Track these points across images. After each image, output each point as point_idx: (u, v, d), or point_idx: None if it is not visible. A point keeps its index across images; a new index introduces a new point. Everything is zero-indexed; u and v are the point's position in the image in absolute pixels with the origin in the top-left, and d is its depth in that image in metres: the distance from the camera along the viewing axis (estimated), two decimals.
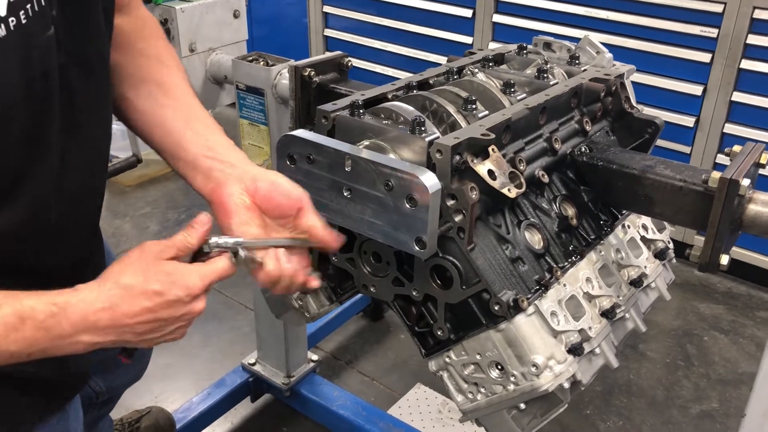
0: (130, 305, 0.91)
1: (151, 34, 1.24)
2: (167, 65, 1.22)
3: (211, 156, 1.12)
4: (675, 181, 1.26)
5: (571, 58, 1.57)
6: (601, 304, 1.29)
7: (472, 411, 1.26)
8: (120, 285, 0.92)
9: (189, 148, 1.14)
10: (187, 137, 1.15)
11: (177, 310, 0.94)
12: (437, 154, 1.12)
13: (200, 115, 1.19)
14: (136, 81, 1.18)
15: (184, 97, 1.20)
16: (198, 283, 0.95)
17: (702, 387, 2.63)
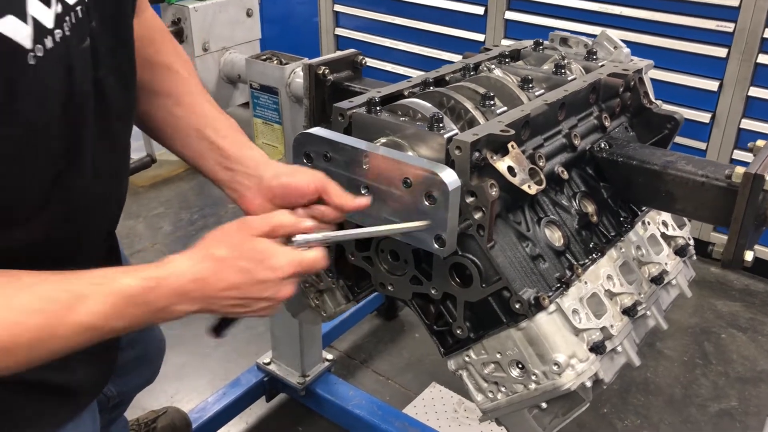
0: (218, 279, 0.94)
1: (159, 39, 1.24)
2: (176, 71, 1.23)
3: (228, 166, 1.18)
4: (697, 177, 1.24)
5: (588, 54, 1.55)
6: (622, 302, 1.28)
7: (493, 410, 1.25)
8: (211, 257, 0.95)
9: (207, 160, 1.19)
10: (202, 150, 1.19)
11: (264, 289, 0.96)
12: (456, 151, 1.11)
13: (212, 118, 1.21)
14: (148, 93, 1.20)
15: (195, 102, 1.22)
16: (286, 267, 0.97)
17: (720, 385, 2.60)
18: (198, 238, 1.00)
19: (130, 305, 0.89)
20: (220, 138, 1.19)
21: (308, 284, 1.44)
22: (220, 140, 1.19)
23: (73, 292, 0.87)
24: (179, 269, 0.93)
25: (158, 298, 0.91)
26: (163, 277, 0.91)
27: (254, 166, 1.17)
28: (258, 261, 0.95)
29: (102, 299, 0.88)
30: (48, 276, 0.88)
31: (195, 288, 0.93)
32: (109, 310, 0.88)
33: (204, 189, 3.99)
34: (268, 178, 1.14)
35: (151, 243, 3.49)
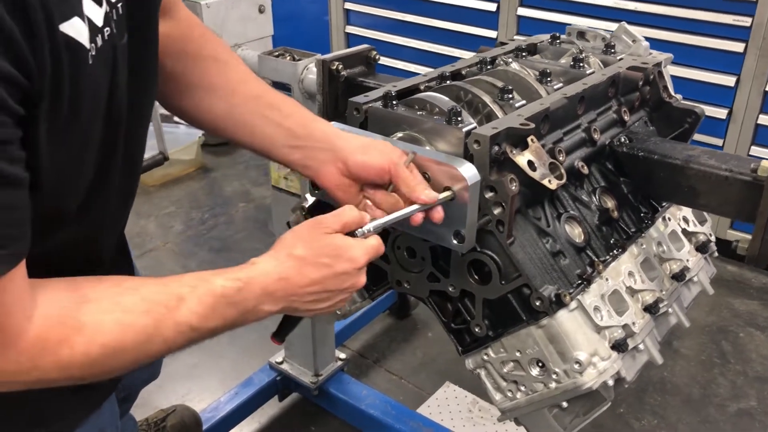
0: (301, 276, 0.98)
1: (199, 34, 1.23)
2: (224, 61, 1.22)
3: (298, 144, 1.16)
4: (720, 171, 1.22)
5: (607, 47, 1.53)
6: (644, 299, 1.25)
7: (512, 410, 1.22)
8: (293, 256, 0.99)
9: (276, 143, 1.17)
10: (268, 134, 1.17)
11: (343, 281, 1.01)
12: (475, 145, 1.08)
13: (271, 100, 1.20)
14: (205, 89, 1.19)
15: (250, 89, 1.20)
16: (362, 257, 1.01)
17: (739, 385, 2.57)
18: (209, 237, 1.02)
19: (224, 305, 0.93)
20: (285, 117, 1.17)
21: None
22: (285, 120, 1.17)
23: (173, 294, 0.90)
24: (265, 269, 0.97)
25: (247, 297, 0.95)
26: (252, 277, 0.96)
27: (325, 139, 1.15)
28: (336, 255, 0.99)
29: (199, 300, 0.91)
30: (146, 280, 0.93)
31: (279, 287, 0.97)
32: (207, 310, 0.91)
33: (214, 188, 3.98)
34: (343, 153, 1.12)
35: (163, 242, 3.48)
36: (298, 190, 1.98)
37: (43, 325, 0.81)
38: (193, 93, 1.19)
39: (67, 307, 0.84)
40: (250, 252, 3.38)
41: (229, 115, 1.19)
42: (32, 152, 0.76)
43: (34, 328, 0.80)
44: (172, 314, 0.89)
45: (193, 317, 0.91)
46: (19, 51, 0.70)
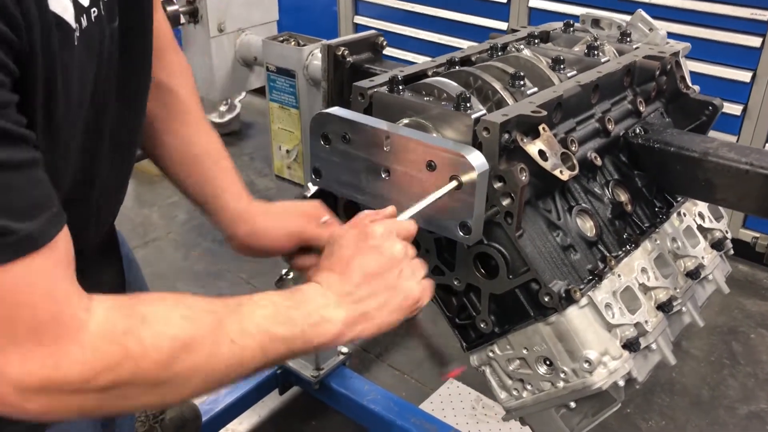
0: (349, 268, 0.94)
1: (164, 47, 1.19)
2: (193, 123, 1.24)
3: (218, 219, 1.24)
4: (740, 165, 1.16)
5: (622, 36, 1.47)
6: (657, 297, 1.20)
7: (517, 409, 1.18)
8: (335, 255, 0.97)
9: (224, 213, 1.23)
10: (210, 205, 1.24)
11: (397, 263, 0.96)
12: (484, 133, 1.04)
13: (211, 175, 1.23)
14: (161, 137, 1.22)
15: (203, 160, 1.23)
16: (401, 229, 0.99)
17: (750, 387, 2.52)
18: (212, 228, 1.00)
19: (285, 307, 0.88)
20: (222, 190, 1.22)
21: None
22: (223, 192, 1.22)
23: (229, 300, 0.86)
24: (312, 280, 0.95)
25: (307, 298, 0.91)
26: (302, 287, 0.93)
27: (232, 222, 1.22)
28: (378, 236, 0.95)
29: (257, 303, 0.87)
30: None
31: (332, 283, 0.93)
32: (270, 310, 0.87)
33: None
34: (241, 238, 1.22)
35: (166, 232, 3.45)
36: (301, 179, 1.94)
37: (104, 315, 0.72)
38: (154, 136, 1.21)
39: (123, 301, 0.77)
40: None
41: (180, 171, 1.23)
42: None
43: (96, 318, 0.72)
44: (234, 313, 0.83)
45: (256, 317, 0.85)
46: (13, 20, 0.66)
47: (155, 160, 1.24)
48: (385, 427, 2.18)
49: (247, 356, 0.83)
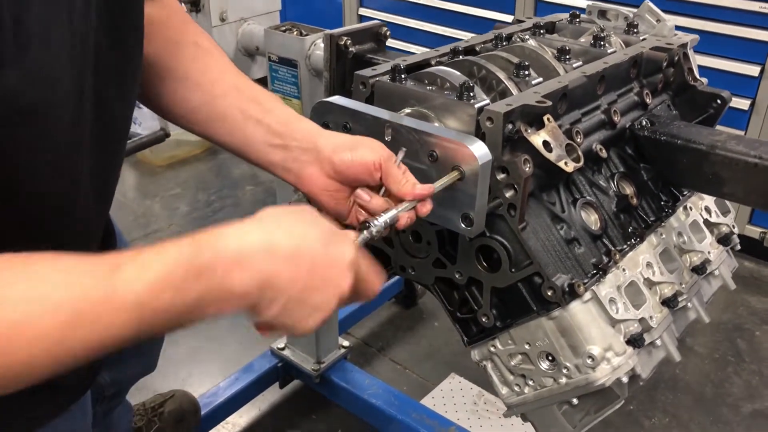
0: (289, 250, 0.77)
1: (182, 20, 1.14)
2: (206, 49, 1.12)
3: (279, 143, 1.03)
4: (749, 158, 1.14)
5: (629, 27, 1.45)
6: (662, 292, 1.18)
7: (519, 405, 1.16)
8: (282, 227, 0.79)
9: (254, 141, 1.04)
10: (248, 132, 1.04)
11: (331, 270, 0.80)
12: (487, 123, 1.02)
13: (252, 94, 1.08)
14: (182, 77, 1.08)
15: (231, 80, 1.09)
16: (353, 252, 0.83)
17: (754, 384, 2.49)
18: (215, 220, 0.91)
19: (181, 274, 0.70)
20: (266, 112, 1.05)
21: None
22: (266, 115, 1.04)
23: (106, 262, 0.70)
24: (244, 230, 0.76)
25: (215, 261, 0.72)
26: (224, 237, 0.74)
27: (308, 138, 1.01)
28: (330, 238, 0.81)
29: (142, 266, 0.70)
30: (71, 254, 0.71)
31: (260, 254, 0.74)
32: (153, 279, 0.69)
33: (222, 170, 3.93)
34: (327, 151, 0.99)
35: (168, 224, 3.43)
36: None
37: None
38: (168, 81, 1.08)
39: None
40: None
41: (206, 106, 1.07)
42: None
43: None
44: (102, 285, 0.67)
45: (133, 288, 0.68)
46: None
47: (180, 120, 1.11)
48: (386, 421, 2.16)
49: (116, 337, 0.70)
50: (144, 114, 3.65)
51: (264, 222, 0.79)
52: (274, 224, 0.79)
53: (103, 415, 1.57)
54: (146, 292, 0.69)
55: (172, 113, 1.11)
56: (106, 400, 1.55)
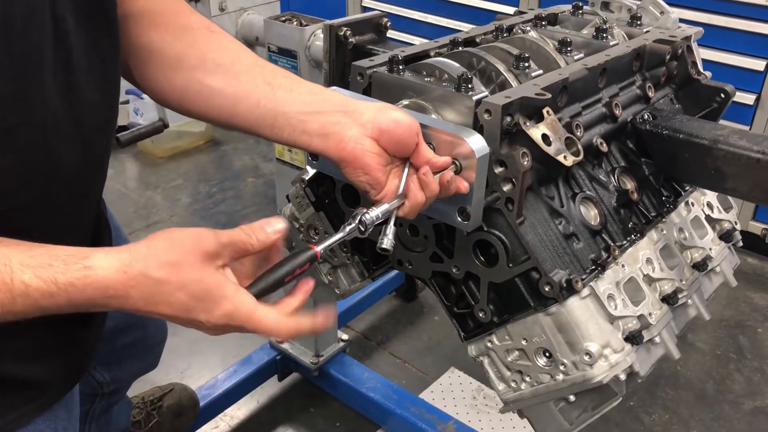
0: (146, 302, 0.80)
1: (185, 8, 1.11)
2: (217, 32, 1.08)
3: (315, 110, 0.96)
4: (752, 153, 1.12)
5: (632, 19, 1.43)
6: (662, 288, 1.17)
7: (515, 401, 1.15)
8: (148, 276, 0.79)
9: (288, 111, 0.97)
10: (279, 100, 0.98)
11: (191, 326, 0.85)
12: (485, 115, 1.00)
13: (272, 68, 1.03)
14: (197, 59, 1.02)
15: (250, 58, 1.04)
16: (221, 320, 0.83)
17: (755, 381, 2.48)
18: (216, 211, 0.90)
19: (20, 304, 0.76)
20: (295, 83, 0.99)
21: (322, 259, 1.35)
22: (296, 86, 0.99)
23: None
24: (101, 282, 0.78)
25: (57, 305, 0.78)
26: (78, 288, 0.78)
27: (346, 101, 0.96)
28: (198, 301, 0.80)
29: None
30: None
31: (114, 304, 0.79)
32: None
33: (223, 162, 3.92)
34: (371, 112, 0.93)
35: (169, 215, 3.43)
36: (301, 163, 1.90)
37: None
38: (183, 69, 1.03)
39: None
40: None
41: (229, 86, 1.01)
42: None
43: None
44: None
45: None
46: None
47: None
48: (384, 415, 2.16)
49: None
50: (146, 105, 3.64)
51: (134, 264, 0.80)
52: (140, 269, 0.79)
53: (102, 411, 1.57)
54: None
55: (191, 101, 1.05)
56: (105, 397, 1.54)
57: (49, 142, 0.87)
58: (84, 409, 1.40)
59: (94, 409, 1.52)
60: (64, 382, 1.05)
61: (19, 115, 0.81)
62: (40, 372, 0.98)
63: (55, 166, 0.89)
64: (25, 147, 0.84)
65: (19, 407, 0.96)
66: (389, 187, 0.95)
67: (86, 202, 1.02)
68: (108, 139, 1.01)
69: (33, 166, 0.86)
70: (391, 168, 0.96)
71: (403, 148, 0.94)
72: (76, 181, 0.95)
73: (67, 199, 0.95)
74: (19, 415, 0.97)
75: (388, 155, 0.95)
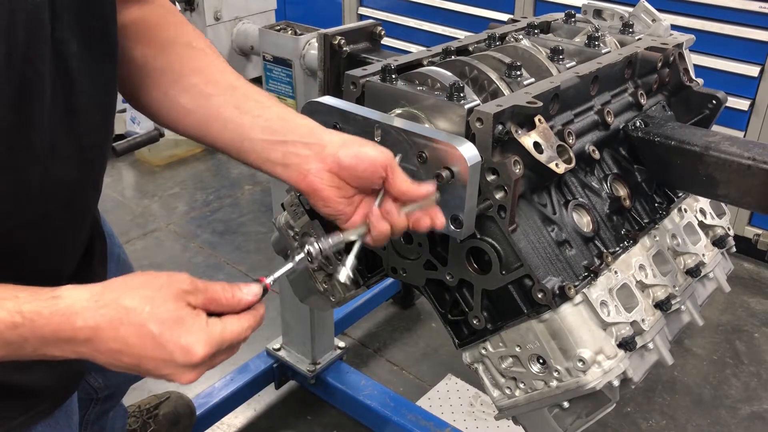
0: (115, 333, 0.77)
1: (176, 21, 1.12)
2: (199, 48, 1.08)
3: (279, 140, 0.97)
4: (743, 159, 1.13)
5: (624, 27, 1.44)
6: (655, 295, 1.17)
7: (510, 408, 1.15)
8: (119, 304, 0.77)
9: (253, 137, 0.98)
10: (246, 125, 0.99)
11: (163, 368, 0.80)
12: (477, 123, 1.00)
13: (247, 91, 1.03)
14: (174, 76, 1.04)
15: (226, 79, 1.05)
16: (200, 351, 0.78)
17: (752, 387, 2.48)
18: (213, 219, 0.90)
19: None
20: (263, 109, 0.99)
21: (316, 267, 1.35)
22: (264, 112, 0.99)
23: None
24: (69, 310, 0.76)
25: (23, 340, 0.76)
26: (44, 316, 0.75)
27: (310, 134, 0.96)
28: (170, 333, 0.78)
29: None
30: None
31: (81, 336, 0.77)
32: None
33: (220, 170, 3.92)
34: (334, 146, 0.94)
35: (166, 223, 3.43)
36: None
37: None
38: (161, 83, 1.04)
39: None
40: (254, 235, 3.35)
41: (201, 107, 1.02)
42: None
43: None
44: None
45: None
46: None
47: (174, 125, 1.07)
48: (381, 423, 2.16)
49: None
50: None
51: (104, 294, 0.79)
52: (110, 300, 0.78)
53: (96, 417, 1.57)
54: None
55: (165, 117, 1.06)
56: (100, 403, 1.54)
57: (47, 164, 0.87)
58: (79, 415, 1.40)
59: (89, 414, 1.52)
60: (64, 388, 1.06)
61: (19, 139, 0.81)
62: (40, 379, 0.98)
63: (52, 186, 0.90)
64: (25, 169, 0.84)
65: (19, 414, 0.96)
66: (355, 218, 0.96)
67: (81, 217, 1.03)
68: (104, 157, 1.02)
69: (31, 187, 0.87)
70: (362, 198, 0.96)
71: (367, 183, 0.94)
72: (72, 199, 0.95)
73: (63, 216, 0.95)
74: (20, 423, 0.97)
75: (351, 188, 0.95)
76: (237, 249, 3.22)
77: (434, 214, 0.95)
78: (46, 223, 0.92)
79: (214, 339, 0.80)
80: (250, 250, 3.22)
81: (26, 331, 0.75)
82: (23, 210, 0.87)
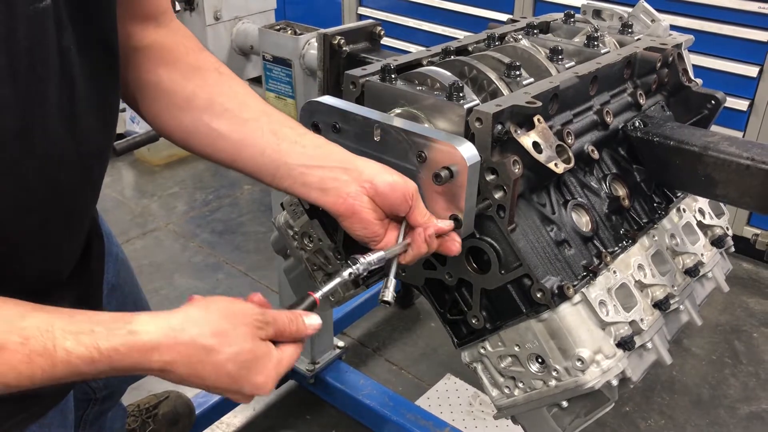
0: (191, 369, 0.80)
1: (195, 46, 1.12)
2: (227, 74, 1.09)
3: (316, 164, 0.99)
4: (741, 160, 1.13)
5: (624, 27, 1.44)
6: (653, 294, 1.17)
7: (508, 407, 1.15)
8: (198, 344, 0.80)
9: (290, 162, 1.00)
10: (284, 151, 1.00)
11: (230, 394, 0.86)
12: (476, 123, 1.01)
13: (279, 117, 1.05)
14: (206, 101, 1.04)
15: (257, 105, 1.06)
16: (269, 387, 0.85)
17: (751, 386, 2.48)
18: (212, 219, 0.90)
19: (60, 371, 0.76)
20: (300, 135, 1.01)
21: (316, 267, 1.36)
22: (300, 138, 1.01)
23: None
24: (146, 345, 0.78)
25: (97, 370, 0.77)
26: (121, 353, 0.77)
27: (346, 159, 0.99)
28: (248, 368, 0.83)
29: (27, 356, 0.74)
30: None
31: (156, 366, 0.79)
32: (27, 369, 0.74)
33: (220, 169, 3.92)
34: (369, 173, 0.97)
35: (165, 223, 3.43)
36: None
37: None
38: (190, 109, 1.04)
39: None
40: (253, 235, 3.35)
41: (235, 131, 1.02)
42: None
43: None
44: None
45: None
46: None
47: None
48: (380, 422, 2.16)
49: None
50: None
51: (183, 332, 0.81)
52: (188, 338, 0.81)
53: (95, 417, 1.56)
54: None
55: (195, 141, 1.06)
56: (99, 403, 1.54)
57: (50, 171, 0.87)
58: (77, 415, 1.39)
59: (87, 414, 1.52)
60: (59, 389, 1.05)
61: (24, 147, 0.82)
62: None
63: (54, 192, 0.90)
64: (28, 176, 0.85)
65: (14, 415, 0.96)
66: (388, 239, 1.00)
67: (80, 219, 1.03)
68: (105, 161, 1.02)
69: (33, 193, 0.87)
70: (389, 222, 1.01)
71: (396, 211, 0.99)
72: (72, 204, 0.96)
73: (63, 219, 0.95)
74: (14, 424, 0.97)
75: (382, 212, 1.00)
76: (236, 249, 3.23)
77: (452, 241, 1.01)
78: (46, 227, 0.92)
79: (280, 373, 0.87)
80: (249, 250, 3.22)
81: (102, 366, 0.77)
82: (24, 215, 0.87)
